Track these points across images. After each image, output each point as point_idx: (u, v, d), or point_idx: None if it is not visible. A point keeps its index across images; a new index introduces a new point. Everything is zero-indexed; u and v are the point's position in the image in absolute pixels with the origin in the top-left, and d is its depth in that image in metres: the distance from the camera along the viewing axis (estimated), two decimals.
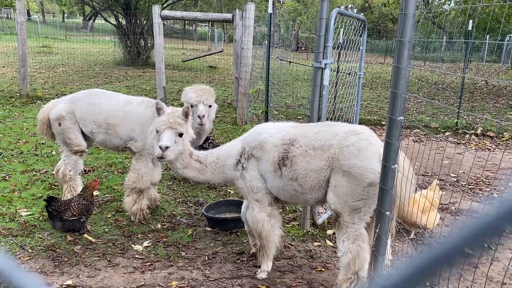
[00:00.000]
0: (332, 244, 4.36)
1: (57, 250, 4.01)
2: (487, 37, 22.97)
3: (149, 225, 4.63)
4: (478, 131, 9.22)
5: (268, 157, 3.38)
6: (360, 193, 3.07)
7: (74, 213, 4.06)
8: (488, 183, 6.37)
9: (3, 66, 15.15)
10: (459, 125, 9.46)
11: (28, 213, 4.71)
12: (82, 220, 4.12)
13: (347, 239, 3.15)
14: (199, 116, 4.21)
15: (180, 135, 3.52)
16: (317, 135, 3.28)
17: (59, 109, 4.59)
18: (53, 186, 5.45)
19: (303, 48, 35.46)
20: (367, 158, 3.07)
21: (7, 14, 42.34)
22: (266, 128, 3.58)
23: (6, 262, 0.59)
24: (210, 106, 4.35)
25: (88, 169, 6.14)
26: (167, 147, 3.41)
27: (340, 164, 3.12)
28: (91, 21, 48.54)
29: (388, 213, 2.97)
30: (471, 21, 9.87)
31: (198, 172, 3.65)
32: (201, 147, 6.07)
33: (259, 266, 3.77)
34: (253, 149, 3.46)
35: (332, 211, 3.23)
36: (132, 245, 4.18)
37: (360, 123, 7.73)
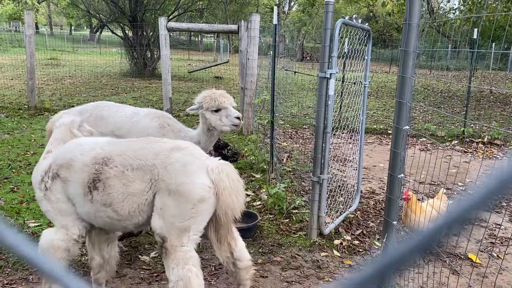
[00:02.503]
0: (339, 255, 4.34)
1: None
2: (493, 46, 22.95)
3: None
4: (485, 140, 9.18)
5: (77, 179, 2.92)
6: (189, 212, 2.77)
7: None
8: None
9: (12, 79, 15.34)
10: (465, 133, 9.42)
11: (36, 224, 4.74)
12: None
13: (177, 265, 2.77)
14: (238, 118, 4.18)
15: None
16: (137, 153, 2.90)
17: None
18: None
19: (308, 58, 35.61)
20: (195, 173, 2.80)
21: (16, 27, 42.99)
22: (79, 144, 3.09)
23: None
24: None
25: None
26: None
27: (166, 185, 2.78)
28: (98, 33, 49.13)
29: (395, 222, 2.96)
30: (476, 29, 9.88)
31: None
32: (220, 154, 6.16)
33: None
34: (60, 167, 2.97)
35: (157, 237, 2.85)
36: (139, 256, 4.19)
37: (366, 132, 7.74)
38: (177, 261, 2.77)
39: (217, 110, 4.22)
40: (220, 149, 6.35)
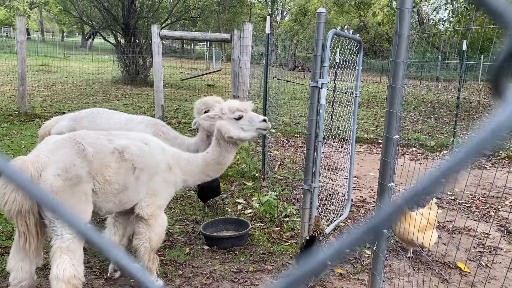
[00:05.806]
0: (330, 263, 4.35)
1: None
2: (482, 57, 23.32)
3: None
4: None
5: None
6: None
7: None
8: (484, 201, 6.41)
9: (2, 84, 15.22)
10: (455, 143, 9.53)
11: None
12: None
13: None
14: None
15: None
16: None
17: (61, 126, 4.62)
18: None
19: (300, 67, 35.84)
20: None
21: (7, 33, 42.77)
22: None
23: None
24: None
25: None
26: None
27: None
28: (90, 40, 49.00)
29: (385, 231, 2.99)
30: (465, 41, 10.05)
31: None
32: None
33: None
34: None
35: None
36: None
37: (357, 141, 7.80)
38: None
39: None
40: None
